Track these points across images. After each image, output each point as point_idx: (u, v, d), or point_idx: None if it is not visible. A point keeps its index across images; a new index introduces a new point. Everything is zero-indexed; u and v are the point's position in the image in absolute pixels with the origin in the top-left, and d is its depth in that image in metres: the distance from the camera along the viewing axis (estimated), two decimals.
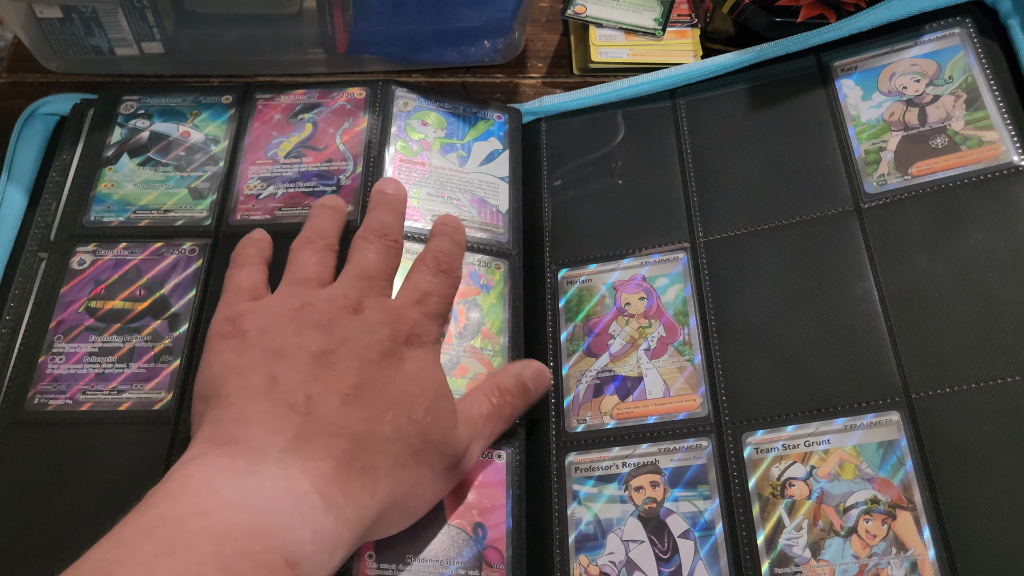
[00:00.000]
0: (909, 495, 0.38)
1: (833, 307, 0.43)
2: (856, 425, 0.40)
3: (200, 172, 0.50)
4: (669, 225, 0.48)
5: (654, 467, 0.41)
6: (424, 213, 0.49)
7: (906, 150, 0.46)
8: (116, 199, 0.50)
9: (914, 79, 0.47)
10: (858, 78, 0.49)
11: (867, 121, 0.47)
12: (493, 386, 0.41)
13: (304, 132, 0.52)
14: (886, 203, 0.44)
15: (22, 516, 0.40)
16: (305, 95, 0.53)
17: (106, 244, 0.48)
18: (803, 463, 0.39)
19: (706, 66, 0.52)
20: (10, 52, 0.59)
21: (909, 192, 0.44)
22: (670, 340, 0.44)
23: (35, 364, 0.45)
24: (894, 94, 0.47)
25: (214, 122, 0.52)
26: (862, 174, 0.46)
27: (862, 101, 0.48)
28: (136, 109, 0.53)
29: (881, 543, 0.37)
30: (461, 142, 0.52)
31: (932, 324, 0.41)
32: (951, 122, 0.46)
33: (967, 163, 0.44)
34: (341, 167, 0.50)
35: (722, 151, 0.49)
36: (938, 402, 0.39)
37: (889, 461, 0.38)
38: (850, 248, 0.44)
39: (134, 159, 0.51)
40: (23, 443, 0.42)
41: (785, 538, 0.38)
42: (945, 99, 0.46)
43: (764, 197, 0.47)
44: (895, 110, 0.47)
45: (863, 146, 0.47)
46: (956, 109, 0.46)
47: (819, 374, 0.41)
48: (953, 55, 0.47)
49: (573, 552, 0.40)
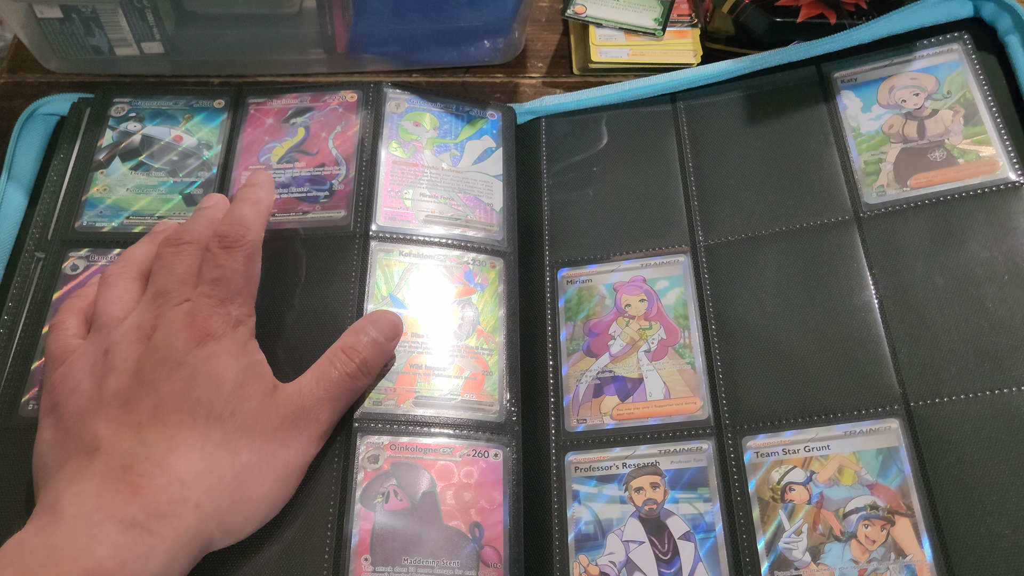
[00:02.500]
0: (908, 501, 0.38)
1: (832, 314, 0.43)
2: (855, 431, 0.40)
3: (193, 178, 0.50)
4: (669, 227, 0.48)
5: (654, 468, 0.41)
6: (417, 214, 0.49)
7: (905, 162, 0.46)
8: (109, 203, 0.49)
9: (913, 92, 0.48)
10: (858, 90, 0.49)
11: (867, 132, 0.48)
12: (338, 349, 0.42)
13: (297, 136, 0.51)
14: (885, 213, 0.45)
15: (14, 524, 0.40)
16: (298, 99, 0.53)
17: (99, 250, 0.48)
18: (803, 468, 0.40)
19: (707, 72, 0.52)
20: (10, 52, 0.59)
21: (908, 204, 0.45)
22: (671, 342, 0.45)
23: (28, 370, 0.44)
24: (893, 107, 0.48)
25: (207, 127, 0.52)
26: (861, 184, 0.46)
27: (862, 112, 0.48)
28: (127, 112, 0.53)
29: (880, 548, 0.37)
30: (454, 141, 0.52)
31: (930, 333, 0.41)
32: (949, 136, 0.46)
33: (964, 177, 0.45)
34: (334, 172, 0.50)
35: (722, 155, 0.49)
36: (936, 411, 0.40)
37: (888, 468, 0.39)
38: (849, 257, 0.44)
39: (126, 163, 0.51)
40: (16, 450, 0.42)
41: (785, 542, 0.38)
42: (943, 113, 0.47)
43: (764, 203, 0.47)
44: (894, 122, 0.48)
45: (863, 157, 0.47)
46: (954, 124, 0.47)
47: (819, 380, 0.42)
48: (951, 70, 0.48)
49: (573, 552, 0.40)
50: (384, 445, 0.42)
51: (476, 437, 0.43)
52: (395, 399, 0.43)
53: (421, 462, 0.42)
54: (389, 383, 0.44)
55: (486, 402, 0.44)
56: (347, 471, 0.41)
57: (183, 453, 0.37)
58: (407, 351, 0.45)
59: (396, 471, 0.41)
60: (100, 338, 0.41)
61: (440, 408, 0.43)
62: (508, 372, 0.45)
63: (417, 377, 0.44)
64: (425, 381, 0.44)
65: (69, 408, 0.39)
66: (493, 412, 0.44)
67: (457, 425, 0.43)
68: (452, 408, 0.43)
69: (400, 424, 0.43)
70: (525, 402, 0.45)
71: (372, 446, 0.42)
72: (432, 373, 0.44)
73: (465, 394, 0.44)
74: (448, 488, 0.41)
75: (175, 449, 0.37)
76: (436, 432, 0.43)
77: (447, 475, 0.42)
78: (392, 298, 0.46)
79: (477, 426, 0.43)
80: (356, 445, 0.42)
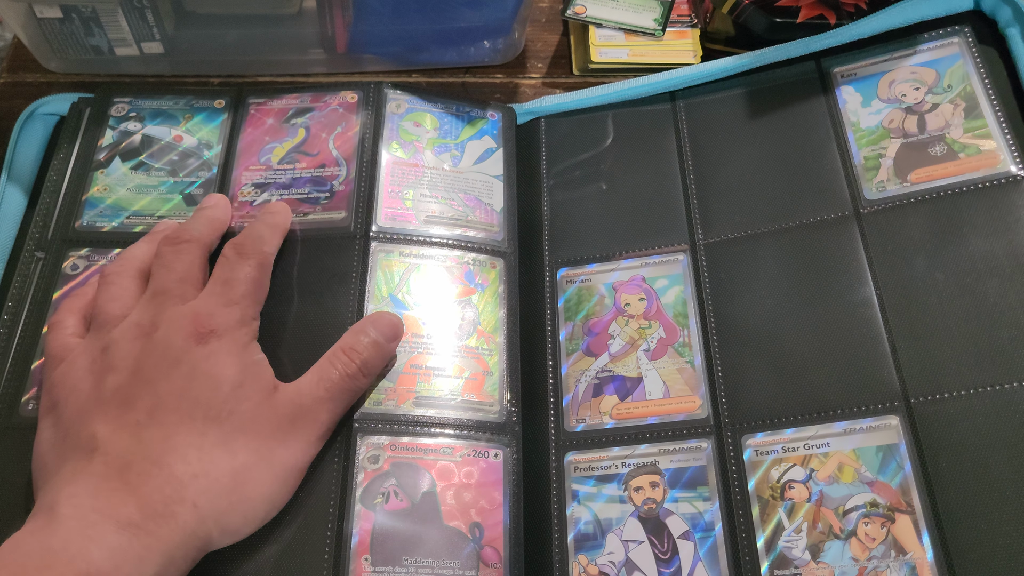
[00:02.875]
0: (908, 499, 0.38)
1: (832, 311, 0.43)
2: (855, 429, 0.40)
3: (193, 178, 0.50)
4: (669, 226, 0.48)
5: (654, 468, 0.41)
6: (418, 214, 0.49)
7: (905, 157, 0.46)
8: (109, 203, 0.49)
9: (913, 87, 0.48)
10: (857, 84, 0.49)
11: (866, 127, 0.47)
12: (339, 350, 0.42)
13: (297, 137, 0.52)
14: (885, 209, 0.45)
15: (13, 523, 0.40)
16: (298, 99, 0.53)
17: (99, 249, 0.48)
18: (803, 466, 0.40)
19: (706, 69, 0.52)
20: (10, 52, 0.59)
21: (908, 199, 0.45)
22: (670, 341, 0.44)
23: (28, 370, 0.45)
24: (893, 101, 0.48)
25: (207, 127, 0.52)
26: (861, 180, 0.46)
27: (862, 107, 0.48)
28: (127, 111, 0.53)
29: (880, 546, 0.37)
30: (455, 142, 0.52)
31: (930, 330, 0.41)
32: (950, 130, 0.46)
33: (965, 171, 0.44)
34: (334, 172, 0.50)
35: (722, 153, 0.49)
36: (936, 407, 0.39)
37: (888, 465, 0.39)
38: (850, 253, 0.44)
39: (126, 163, 0.51)
40: (16, 450, 0.42)
41: (784, 540, 0.38)
42: (944, 107, 0.47)
43: (764, 200, 0.47)
44: (894, 117, 0.47)
45: (862, 152, 0.47)
46: (955, 117, 0.46)
47: (819, 377, 0.41)
48: (952, 64, 0.48)
49: (572, 551, 0.40)
50: (384, 445, 0.42)
51: (476, 437, 0.43)
52: (395, 399, 0.43)
53: (421, 462, 0.42)
54: (389, 383, 0.44)
55: (486, 402, 0.44)
56: (347, 471, 0.41)
57: (180, 453, 0.37)
58: (407, 351, 0.45)
59: (396, 471, 0.42)
60: (99, 337, 0.41)
61: (440, 408, 0.43)
62: (508, 372, 0.45)
63: (417, 377, 0.44)
64: (425, 381, 0.44)
65: (68, 407, 0.39)
66: (493, 412, 0.44)
67: (457, 425, 0.43)
68: (452, 408, 0.43)
69: (400, 424, 0.43)
70: (525, 402, 0.45)
71: (372, 446, 0.42)
72: (432, 373, 0.44)
73: (465, 394, 0.44)
74: (448, 488, 0.41)
75: (173, 449, 0.37)
76: (436, 432, 0.43)
77: (447, 475, 0.42)
78: (392, 298, 0.46)
79: (477, 426, 0.43)
80: (356, 445, 0.42)
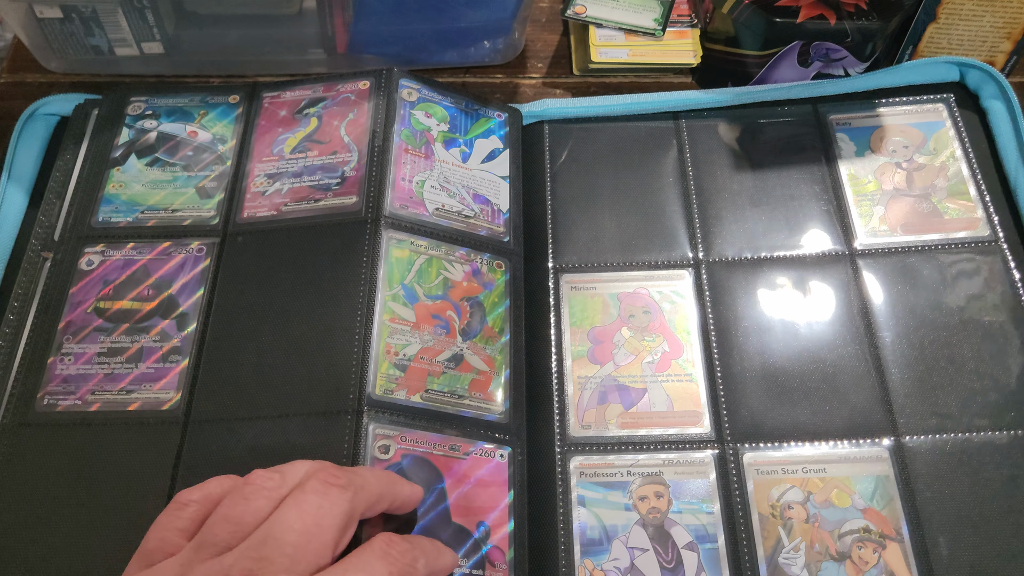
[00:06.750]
0: (897, 527, 0.41)
1: (829, 344, 0.45)
2: (850, 457, 0.42)
3: (207, 171, 0.50)
4: (672, 243, 0.49)
5: (659, 478, 0.42)
6: (428, 205, 0.48)
7: (895, 209, 0.49)
8: (124, 200, 0.49)
9: (903, 145, 0.52)
10: (852, 134, 0.52)
11: (860, 176, 0.51)
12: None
13: (309, 127, 0.52)
14: (878, 254, 0.48)
15: (32, 517, 0.40)
16: (311, 90, 0.53)
17: (114, 244, 0.48)
18: (801, 488, 0.42)
19: (710, 97, 0.54)
20: (10, 52, 0.59)
21: (898, 248, 0.48)
22: (674, 356, 0.46)
23: (44, 365, 0.44)
24: (884, 155, 0.51)
25: (221, 121, 0.52)
26: (856, 225, 0.49)
27: (856, 156, 0.51)
28: (144, 110, 0.53)
29: (873, 570, 0.40)
30: (464, 138, 0.52)
31: (920, 372, 0.44)
32: (934, 191, 0.50)
33: (949, 230, 0.48)
34: (345, 159, 0.50)
35: (724, 177, 0.51)
36: (925, 445, 0.43)
37: (880, 494, 0.41)
38: (844, 290, 0.47)
39: (142, 159, 0.51)
40: (33, 444, 0.42)
41: (783, 557, 0.40)
42: (930, 168, 0.51)
43: (764, 228, 0.49)
44: (886, 170, 0.51)
45: (856, 198, 0.50)
46: (939, 179, 0.50)
47: (816, 405, 0.44)
48: (937, 128, 0.52)
49: (578, 555, 0.41)
50: (394, 436, 0.41)
51: (483, 437, 0.43)
52: (405, 390, 0.43)
53: (430, 456, 0.41)
54: (400, 373, 0.43)
55: (492, 402, 0.44)
56: (357, 461, 0.40)
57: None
58: (418, 342, 0.44)
59: (406, 463, 0.41)
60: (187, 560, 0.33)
61: (448, 405, 0.43)
62: (513, 373, 0.45)
63: (428, 370, 0.43)
64: (435, 376, 0.43)
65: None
66: (498, 413, 0.44)
67: (465, 423, 0.43)
68: (460, 406, 0.43)
69: (410, 416, 0.42)
70: (530, 405, 0.45)
71: (383, 436, 0.41)
72: (441, 368, 0.44)
73: (473, 392, 0.44)
74: (455, 486, 0.41)
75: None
76: (444, 429, 0.42)
77: (455, 473, 0.41)
78: (403, 287, 0.45)
79: (484, 426, 0.43)
80: (367, 433, 0.41)
